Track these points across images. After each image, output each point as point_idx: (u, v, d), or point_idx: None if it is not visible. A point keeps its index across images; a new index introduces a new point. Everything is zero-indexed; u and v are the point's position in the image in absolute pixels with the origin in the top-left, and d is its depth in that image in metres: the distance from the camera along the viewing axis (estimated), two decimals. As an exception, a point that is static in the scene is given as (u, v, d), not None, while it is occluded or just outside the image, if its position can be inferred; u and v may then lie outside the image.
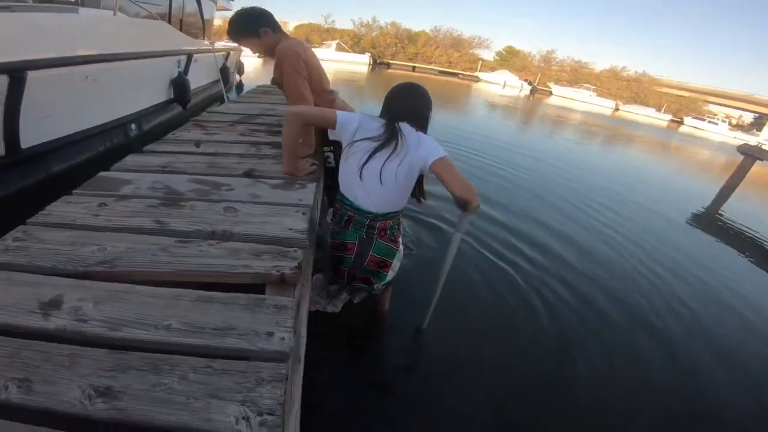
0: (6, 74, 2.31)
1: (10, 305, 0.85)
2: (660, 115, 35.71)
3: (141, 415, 0.66)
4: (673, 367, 2.11)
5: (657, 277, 3.09)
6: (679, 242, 4.11)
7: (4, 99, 2.36)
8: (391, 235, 1.51)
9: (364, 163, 1.38)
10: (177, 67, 4.79)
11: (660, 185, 7.23)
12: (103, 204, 1.31)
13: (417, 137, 1.41)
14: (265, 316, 0.86)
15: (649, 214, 4.91)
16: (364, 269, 1.54)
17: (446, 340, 1.97)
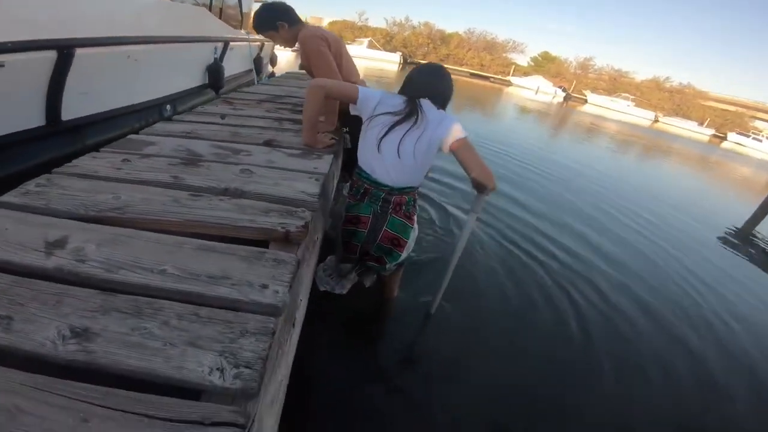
0: (55, 50, 2.42)
1: (17, 243, 0.86)
2: (702, 129, 33.96)
3: (108, 358, 0.62)
4: (703, 388, 1.93)
5: (692, 288, 2.92)
6: (711, 257, 3.86)
7: (51, 73, 2.47)
8: (406, 211, 1.48)
9: (383, 136, 1.37)
10: (213, 54, 4.89)
11: (691, 200, 6.85)
12: (126, 160, 1.34)
13: (439, 115, 1.40)
14: (262, 269, 0.84)
15: (682, 225, 4.67)
16: (378, 246, 1.50)
17: (454, 327, 1.92)
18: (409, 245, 1.54)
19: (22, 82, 2.37)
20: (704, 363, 2.10)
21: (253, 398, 0.61)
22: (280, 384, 0.82)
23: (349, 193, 1.54)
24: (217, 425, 0.54)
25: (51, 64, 2.46)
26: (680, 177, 9.52)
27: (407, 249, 1.55)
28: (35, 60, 2.38)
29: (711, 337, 2.37)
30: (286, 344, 0.87)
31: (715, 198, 7.91)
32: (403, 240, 1.50)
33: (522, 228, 3.29)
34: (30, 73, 2.40)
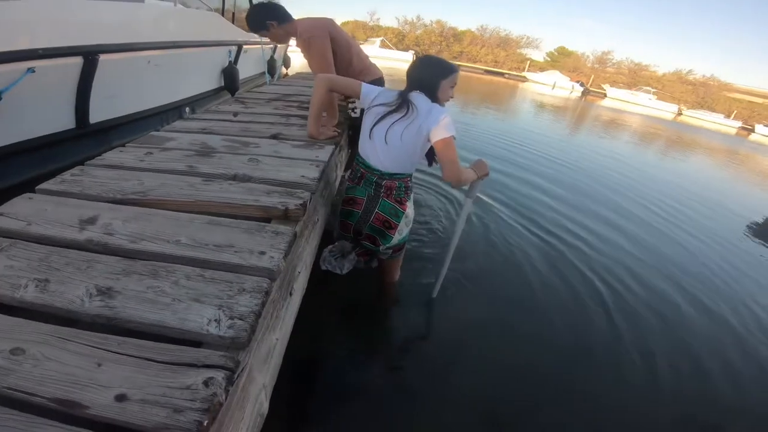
0: (81, 56, 2.59)
1: (55, 221, 1.00)
2: (728, 122, 32.70)
3: (126, 312, 0.74)
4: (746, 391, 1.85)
5: (721, 276, 2.91)
6: (748, 248, 3.82)
7: (78, 78, 2.65)
8: (397, 196, 1.57)
9: (375, 125, 1.50)
10: (228, 57, 5.09)
11: (721, 191, 6.68)
12: (149, 153, 1.50)
13: (428, 105, 1.48)
14: (262, 239, 0.96)
15: (715, 216, 4.63)
16: (370, 226, 1.61)
17: (456, 311, 1.98)
18: (401, 229, 1.62)
19: (53, 86, 2.55)
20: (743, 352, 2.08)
21: (244, 348, 0.72)
22: (274, 345, 0.92)
23: (348, 176, 1.67)
24: (209, 367, 0.64)
25: (78, 69, 2.63)
26: (710, 170, 9.25)
27: (399, 232, 1.62)
28: (63, 66, 2.54)
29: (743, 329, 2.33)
30: (282, 310, 0.98)
31: (748, 190, 7.68)
32: (394, 223, 1.59)
33: (528, 213, 3.36)
34: (59, 79, 2.57)
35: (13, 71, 2.22)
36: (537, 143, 7.06)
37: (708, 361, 1.97)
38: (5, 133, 2.36)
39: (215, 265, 0.88)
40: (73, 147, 2.82)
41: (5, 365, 0.63)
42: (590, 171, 5.74)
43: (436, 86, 1.51)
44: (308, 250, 1.24)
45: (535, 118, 12.21)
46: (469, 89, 16.71)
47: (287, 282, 1.02)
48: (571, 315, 2.12)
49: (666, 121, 23.33)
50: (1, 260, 0.85)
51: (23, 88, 2.26)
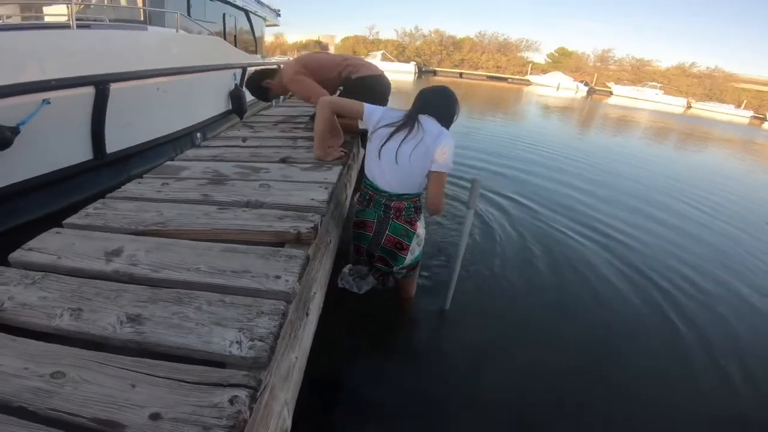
0: (92, 86, 2.66)
1: (83, 254, 1.08)
2: (740, 112, 32.16)
3: (154, 336, 0.80)
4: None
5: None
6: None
7: (92, 109, 2.71)
8: (407, 217, 1.60)
9: (383, 144, 1.54)
10: (234, 80, 5.18)
11: (746, 182, 6.61)
12: (165, 183, 1.58)
13: (437, 129, 1.54)
14: (276, 263, 1.01)
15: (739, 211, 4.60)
16: (382, 248, 1.64)
17: (469, 320, 2.00)
18: (413, 249, 1.65)
19: (68, 117, 2.60)
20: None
21: (265, 367, 0.77)
22: (293, 364, 0.97)
23: (357, 200, 1.71)
24: (233, 386, 0.69)
25: (91, 99, 2.69)
26: (728, 162, 9.12)
27: (411, 252, 1.65)
28: (77, 96, 2.59)
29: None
30: (300, 330, 1.03)
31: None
32: (406, 244, 1.62)
33: (536, 213, 3.44)
34: (74, 109, 2.62)
35: (29, 103, 2.26)
36: (551, 144, 7.16)
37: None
38: (27, 166, 2.41)
39: (234, 290, 0.93)
40: (93, 178, 2.87)
41: (48, 388, 0.69)
42: (608, 167, 5.83)
43: (453, 117, 1.62)
44: (322, 271, 1.30)
45: (546, 121, 12.25)
46: (474, 96, 16.87)
47: (303, 303, 1.07)
48: (592, 312, 2.14)
49: (676, 115, 23.09)
50: (35, 292, 0.92)
51: (40, 121, 2.30)
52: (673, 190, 5.09)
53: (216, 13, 5.44)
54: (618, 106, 22.94)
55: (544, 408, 1.56)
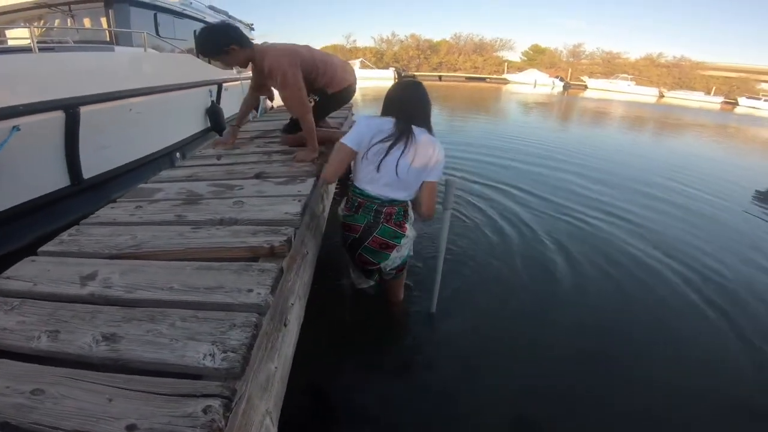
0: (62, 110, 2.61)
1: (58, 279, 1.10)
2: (710, 98, 33.25)
3: (130, 353, 0.83)
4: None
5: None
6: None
7: (63, 133, 2.67)
8: (396, 220, 1.65)
9: (382, 159, 1.55)
10: (210, 97, 5.15)
11: (723, 167, 6.81)
12: (138, 207, 1.59)
13: (431, 142, 1.58)
14: (249, 278, 1.04)
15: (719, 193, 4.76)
16: (365, 248, 1.68)
17: (456, 322, 2.03)
18: (400, 249, 1.69)
19: (41, 144, 2.55)
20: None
21: (239, 377, 0.80)
22: (273, 373, 1.00)
23: (345, 206, 1.74)
24: (207, 396, 0.72)
25: (62, 123, 2.64)
26: (705, 147, 9.37)
27: (398, 251, 1.69)
28: (47, 121, 2.54)
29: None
30: (278, 340, 1.07)
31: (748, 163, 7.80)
32: (392, 243, 1.66)
33: (514, 213, 3.46)
34: (45, 135, 2.57)
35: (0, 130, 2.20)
36: (538, 139, 7.42)
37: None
38: (2, 196, 2.37)
39: (207, 305, 0.96)
40: (72, 204, 2.83)
41: (28, 404, 0.72)
42: (597, 160, 6.00)
43: (430, 112, 1.66)
44: (300, 282, 1.34)
45: (528, 117, 12.45)
46: (456, 98, 17.04)
47: (280, 314, 1.11)
48: (572, 311, 2.18)
49: (650, 104, 23.71)
50: (13, 317, 0.95)
51: (12, 149, 2.24)
52: (666, 175, 5.34)
53: (186, 30, 5.39)
54: (594, 99, 23.45)
55: (540, 406, 1.58)
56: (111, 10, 4.00)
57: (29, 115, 2.38)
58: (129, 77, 3.44)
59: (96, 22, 4.21)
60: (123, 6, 4.07)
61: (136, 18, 4.20)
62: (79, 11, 4.18)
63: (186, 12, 5.40)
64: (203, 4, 6.36)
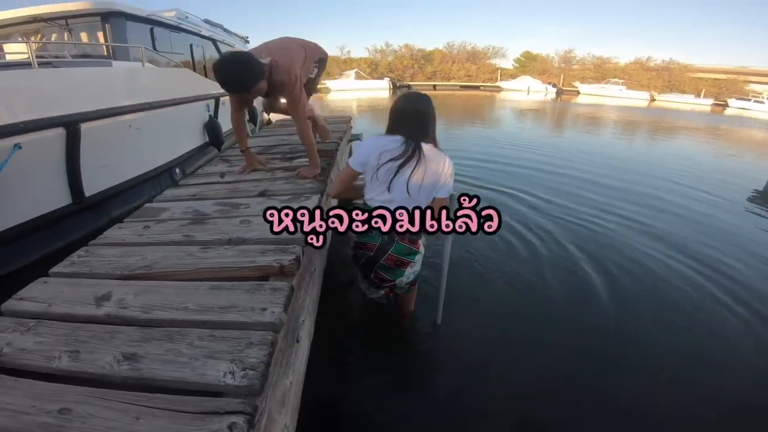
0: (62, 127, 2.59)
1: (73, 300, 1.13)
2: (701, 101, 33.64)
3: (151, 372, 0.86)
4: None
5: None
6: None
7: (65, 150, 2.65)
8: (410, 237, 1.65)
9: (392, 179, 1.55)
10: (207, 112, 5.13)
11: (716, 168, 6.90)
12: (146, 226, 1.63)
13: (440, 158, 1.58)
14: (262, 297, 1.08)
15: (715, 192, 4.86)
16: (381, 265, 1.68)
17: (461, 332, 2.06)
18: (414, 265, 1.71)
19: (42, 162, 2.53)
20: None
21: (259, 394, 0.83)
22: (288, 388, 1.03)
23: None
24: (231, 413, 0.75)
25: (63, 140, 2.61)
26: (698, 149, 9.45)
27: (412, 268, 1.71)
28: (48, 138, 2.52)
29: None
30: (292, 356, 1.10)
31: (740, 163, 7.92)
32: (407, 261, 1.67)
33: (518, 221, 3.48)
34: (46, 153, 2.55)
35: (1, 148, 2.19)
36: (538, 147, 7.47)
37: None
38: (5, 216, 2.35)
39: (223, 324, 1.00)
40: (74, 222, 2.83)
41: (57, 423, 0.75)
42: (597, 166, 6.02)
43: (434, 124, 1.66)
44: (309, 299, 1.37)
45: (525, 124, 12.51)
46: (451, 106, 17.17)
47: (293, 330, 1.14)
48: (576, 314, 2.20)
49: (642, 108, 23.85)
50: (30, 337, 0.98)
51: (14, 167, 2.23)
52: (669, 177, 5.44)
53: (183, 44, 5.39)
54: (587, 104, 23.63)
55: (546, 413, 1.59)
56: (107, 25, 3.98)
57: (30, 132, 2.36)
58: (128, 92, 3.43)
59: (92, 36, 4.19)
60: (119, 20, 4.05)
61: (132, 32, 4.18)
62: (75, 25, 4.15)
63: (182, 26, 5.38)
64: (198, 17, 6.33)
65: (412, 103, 1.65)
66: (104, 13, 3.97)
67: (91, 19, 4.05)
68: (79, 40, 4.22)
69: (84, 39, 4.22)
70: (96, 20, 4.03)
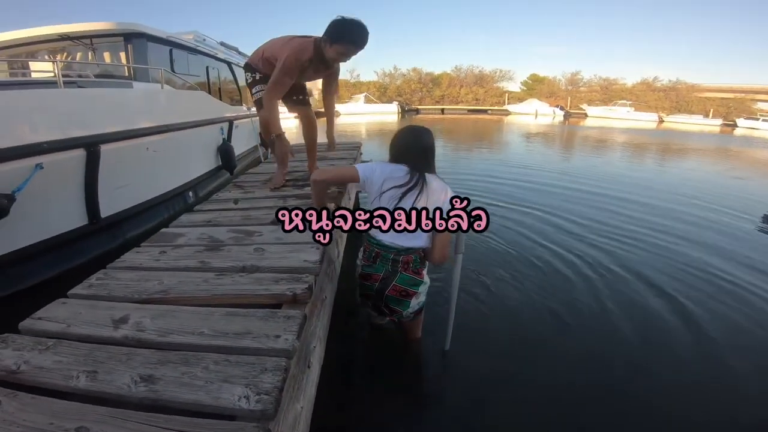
0: (83, 148, 2.63)
1: (91, 322, 1.17)
2: (710, 121, 33.45)
3: (168, 394, 0.88)
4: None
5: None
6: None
7: (84, 171, 2.69)
8: (414, 268, 1.69)
9: (396, 205, 1.60)
10: (221, 135, 5.20)
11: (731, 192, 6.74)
12: (162, 252, 1.67)
13: (442, 188, 1.64)
14: (275, 324, 1.11)
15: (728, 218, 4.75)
16: (388, 297, 1.72)
17: (470, 359, 2.04)
18: (419, 295, 1.74)
19: (62, 182, 2.57)
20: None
21: (272, 419, 0.85)
22: (299, 413, 1.05)
23: (362, 256, 1.78)
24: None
25: (83, 162, 2.66)
26: (715, 170, 9.32)
27: (417, 298, 1.75)
28: (69, 159, 2.57)
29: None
30: (303, 381, 1.11)
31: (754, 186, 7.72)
32: (412, 291, 1.70)
33: (525, 246, 3.46)
34: (66, 173, 2.59)
35: (23, 168, 2.24)
36: (546, 171, 7.45)
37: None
38: (23, 234, 2.39)
39: (238, 350, 1.02)
40: (89, 243, 2.87)
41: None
42: (606, 189, 5.98)
43: (434, 154, 1.73)
44: (320, 325, 1.40)
45: (535, 150, 12.41)
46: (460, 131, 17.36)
47: (304, 357, 1.16)
48: (599, 349, 2.14)
49: (651, 131, 23.71)
50: (49, 356, 1.01)
51: (34, 186, 2.27)
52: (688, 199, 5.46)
53: (199, 66, 5.48)
54: (595, 127, 23.59)
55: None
56: (130, 45, 4.08)
57: (52, 152, 2.41)
58: (147, 114, 3.48)
59: (115, 56, 4.29)
60: (141, 41, 4.14)
61: (152, 53, 4.27)
62: (100, 45, 4.25)
63: (199, 48, 5.50)
64: (214, 40, 6.50)
65: (419, 138, 1.71)
66: (127, 34, 4.06)
67: (115, 39, 4.14)
68: (102, 59, 4.32)
69: (107, 59, 4.32)
70: (119, 40, 4.13)
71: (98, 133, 2.75)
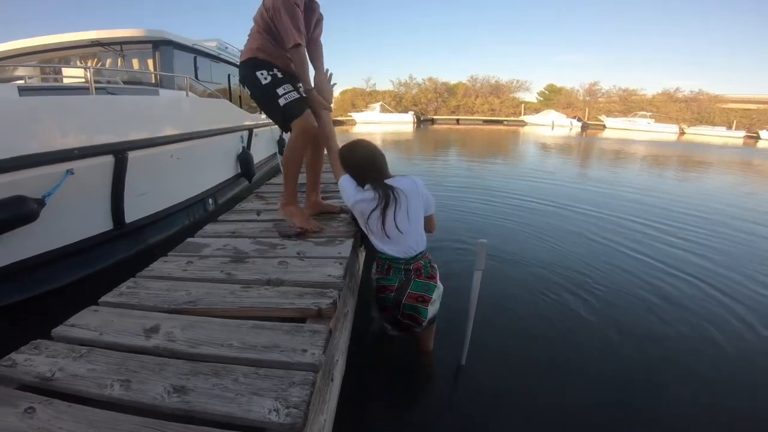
0: (112, 154, 2.69)
1: (123, 330, 1.20)
2: (733, 133, 32.37)
3: (201, 406, 0.90)
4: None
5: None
6: None
7: (111, 177, 2.75)
8: (426, 273, 1.74)
9: (383, 225, 1.69)
10: (241, 143, 5.28)
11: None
12: (189, 262, 1.72)
13: (410, 183, 1.74)
14: (302, 338, 1.13)
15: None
16: (405, 305, 1.74)
17: (486, 374, 2.02)
18: (434, 301, 1.77)
19: (90, 188, 2.63)
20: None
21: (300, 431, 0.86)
22: (323, 425, 1.06)
23: (376, 270, 1.82)
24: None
25: (111, 168, 2.72)
26: (743, 183, 9.13)
27: (433, 305, 1.77)
28: (98, 166, 2.62)
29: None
30: (327, 394, 1.13)
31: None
32: (428, 296, 1.74)
33: (548, 268, 3.38)
34: (95, 179, 2.65)
35: (55, 173, 2.30)
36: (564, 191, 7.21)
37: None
38: (51, 238, 2.45)
39: (266, 363, 1.04)
40: (113, 248, 2.93)
41: None
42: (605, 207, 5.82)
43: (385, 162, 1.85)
44: (342, 339, 1.43)
45: (553, 162, 12.16)
46: (475, 141, 17.21)
47: (328, 370, 1.19)
48: (613, 360, 2.12)
49: (672, 143, 23.11)
50: (83, 364, 1.04)
51: (63, 192, 2.33)
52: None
53: (221, 74, 5.60)
54: (614, 139, 23.00)
55: None
56: (157, 52, 4.19)
57: (83, 159, 2.47)
58: (172, 121, 3.54)
59: (143, 63, 4.40)
60: (168, 49, 4.26)
61: (178, 61, 4.38)
62: (129, 51, 4.39)
63: (221, 56, 5.62)
64: (237, 48, 6.54)
65: (364, 151, 1.85)
66: (155, 41, 4.18)
67: (144, 46, 4.27)
68: (131, 65, 4.44)
69: (135, 65, 4.43)
70: (148, 47, 4.26)
71: (126, 139, 2.82)
